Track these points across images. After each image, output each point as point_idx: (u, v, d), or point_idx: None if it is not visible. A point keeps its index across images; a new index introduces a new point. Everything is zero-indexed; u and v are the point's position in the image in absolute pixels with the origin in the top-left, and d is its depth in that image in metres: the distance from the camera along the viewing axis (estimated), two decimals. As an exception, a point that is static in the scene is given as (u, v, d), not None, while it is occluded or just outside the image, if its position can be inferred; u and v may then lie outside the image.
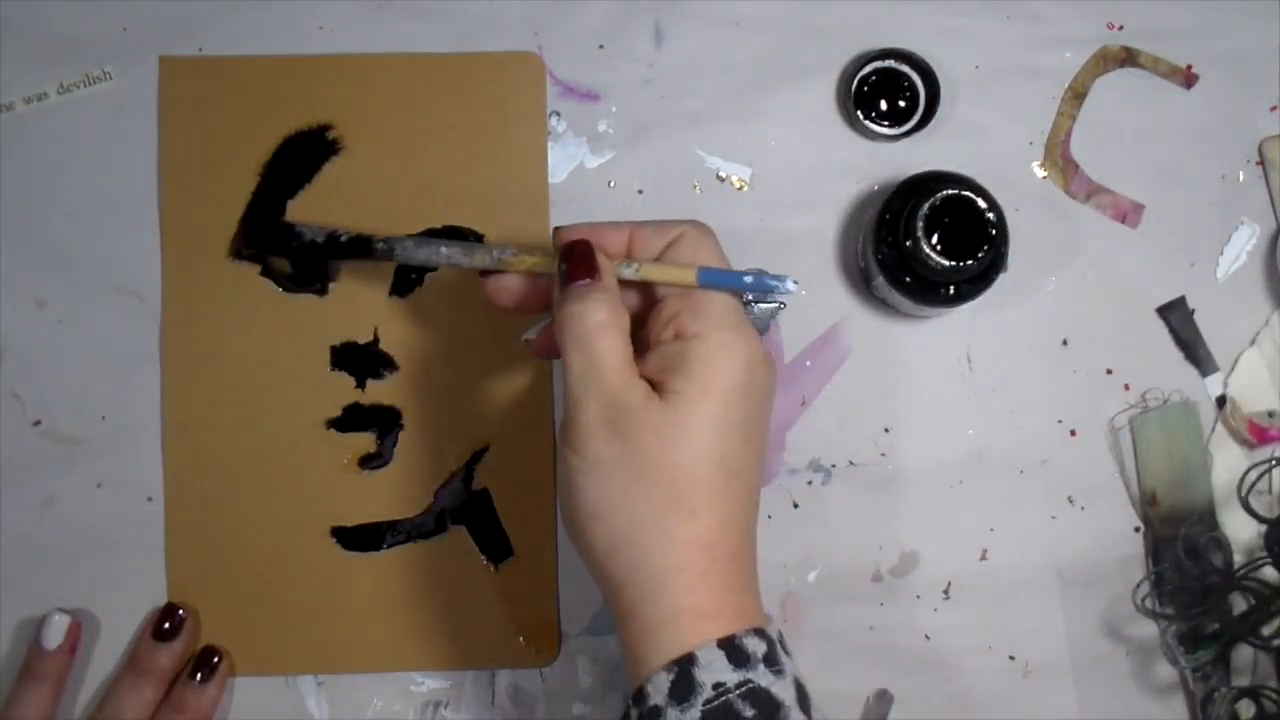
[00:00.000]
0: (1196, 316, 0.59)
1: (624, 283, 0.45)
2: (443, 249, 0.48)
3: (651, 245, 0.45)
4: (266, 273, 0.58)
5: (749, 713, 0.40)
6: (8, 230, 0.58)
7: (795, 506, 0.59)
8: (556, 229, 0.46)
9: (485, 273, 0.47)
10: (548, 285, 0.46)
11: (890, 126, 0.59)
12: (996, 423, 0.59)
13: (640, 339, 0.45)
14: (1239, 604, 0.56)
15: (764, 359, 0.44)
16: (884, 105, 0.59)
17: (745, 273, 0.45)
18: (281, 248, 0.55)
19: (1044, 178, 0.60)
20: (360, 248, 0.50)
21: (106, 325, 0.58)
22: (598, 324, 0.42)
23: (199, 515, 0.58)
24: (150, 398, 0.58)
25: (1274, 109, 0.60)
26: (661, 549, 0.41)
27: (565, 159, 0.59)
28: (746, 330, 0.44)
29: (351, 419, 0.58)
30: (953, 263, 0.53)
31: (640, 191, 0.59)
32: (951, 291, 0.55)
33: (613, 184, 0.59)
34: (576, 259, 0.44)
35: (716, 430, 0.42)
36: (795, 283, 0.45)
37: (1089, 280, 0.59)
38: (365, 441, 0.58)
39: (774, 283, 0.45)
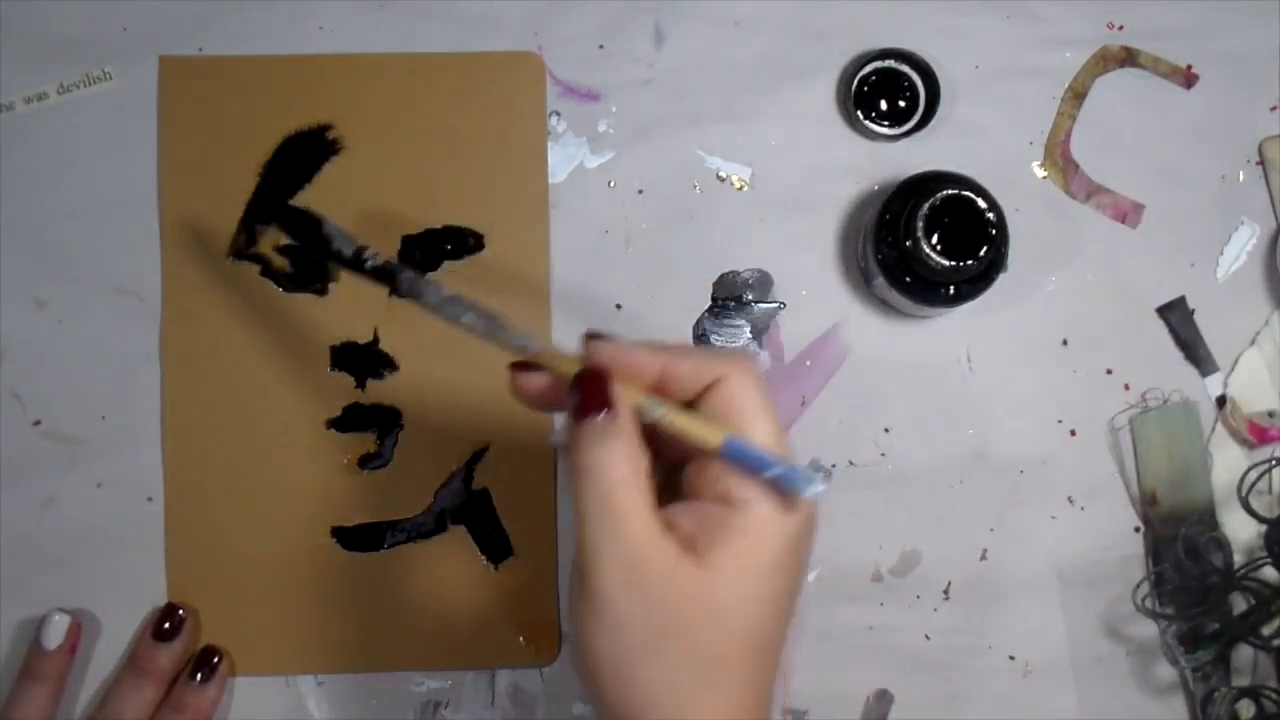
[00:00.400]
0: (1196, 316, 0.59)
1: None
2: (467, 315, 0.43)
3: (687, 385, 0.40)
4: (266, 273, 0.58)
5: None
6: (8, 230, 0.58)
7: (795, 506, 0.59)
8: (588, 338, 0.41)
9: (516, 365, 0.42)
10: None
11: (890, 126, 0.59)
12: (996, 423, 0.59)
13: (676, 480, 0.41)
14: (1239, 604, 0.56)
15: (810, 528, 0.40)
16: (884, 105, 0.59)
17: (775, 461, 0.39)
18: (299, 234, 0.51)
19: (1044, 178, 0.60)
20: (384, 276, 0.45)
21: (106, 325, 0.58)
22: (618, 481, 0.38)
23: (199, 515, 0.58)
24: (150, 398, 0.58)
25: (1274, 109, 0.60)
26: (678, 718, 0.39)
27: (565, 159, 0.59)
28: (797, 499, 0.40)
29: (351, 419, 0.58)
30: (953, 263, 0.53)
31: (640, 191, 0.59)
32: (951, 291, 0.55)
33: (613, 184, 0.59)
34: (590, 391, 0.39)
35: (751, 608, 0.39)
36: (825, 484, 0.39)
37: (1089, 280, 0.59)
38: (365, 441, 0.58)
39: (801, 482, 0.39)
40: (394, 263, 0.45)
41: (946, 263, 0.53)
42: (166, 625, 0.55)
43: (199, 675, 0.55)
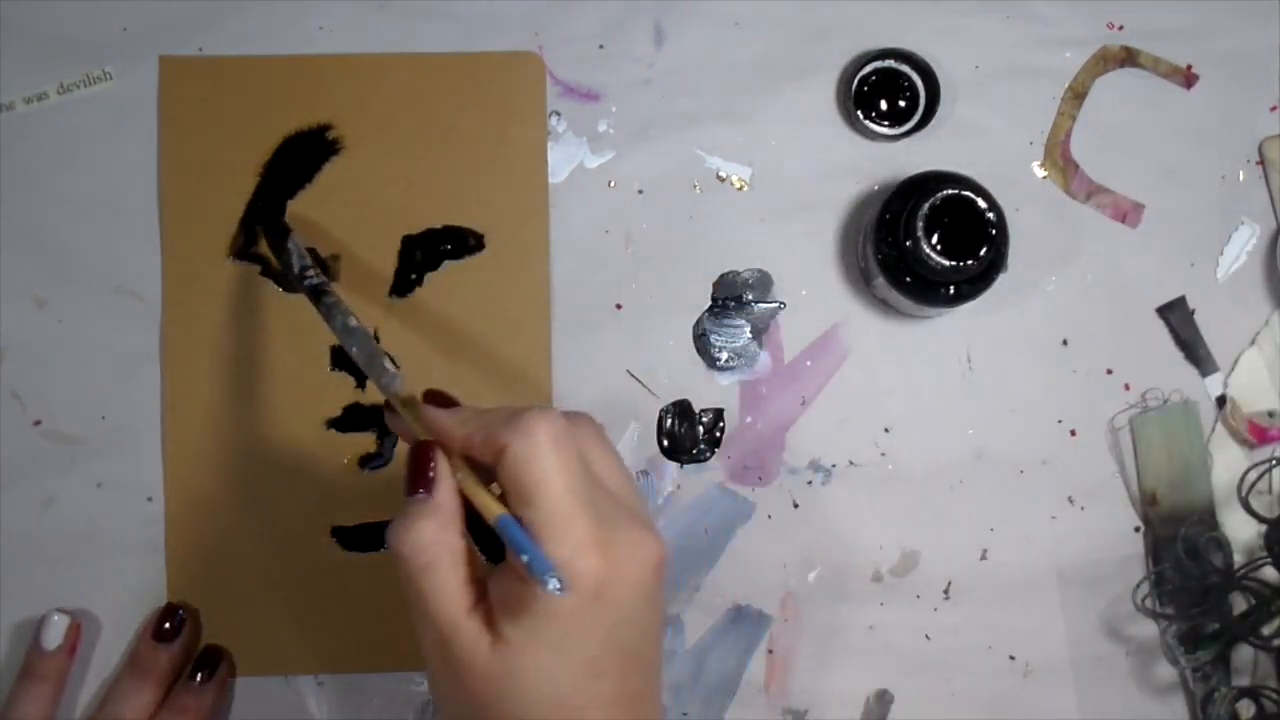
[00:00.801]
0: (1196, 316, 0.59)
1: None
2: (354, 347, 0.48)
3: (482, 453, 0.40)
4: (266, 273, 0.58)
5: None
6: (8, 230, 0.58)
7: (795, 506, 0.59)
8: (426, 395, 0.43)
9: (387, 405, 0.45)
10: None
11: (890, 126, 0.59)
12: (996, 423, 0.59)
13: None
14: (1239, 604, 0.56)
15: (624, 578, 0.39)
16: (884, 105, 0.59)
17: (527, 547, 0.37)
18: (271, 239, 0.56)
19: (1044, 178, 0.60)
20: (313, 295, 0.51)
21: (106, 325, 0.58)
22: (425, 564, 0.39)
23: (199, 515, 0.58)
24: (150, 398, 0.58)
25: (1274, 109, 0.60)
26: None
27: (565, 159, 0.59)
28: (593, 558, 0.38)
29: (351, 419, 0.58)
30: (953, 263, 0.53)
31: (640, 191, 0.59)
32: (951, 291, 0.55)
33: (613, 184, 0.59)
34: (413, 467, 0.41)
35: (547, 678, 0.38)
36: (559, 587, 0.36)
37: (1089, 280, 0.59)
38: (365, 441, 0.58)
39: (543, 575, 0.36)
40: (326, 286, 0.50)
41: (946, 263, 0.53)
42: (166, 625, 0.55)
43: (199, 676, 0.55)
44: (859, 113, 0.59)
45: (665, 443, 0.59)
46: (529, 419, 0.39)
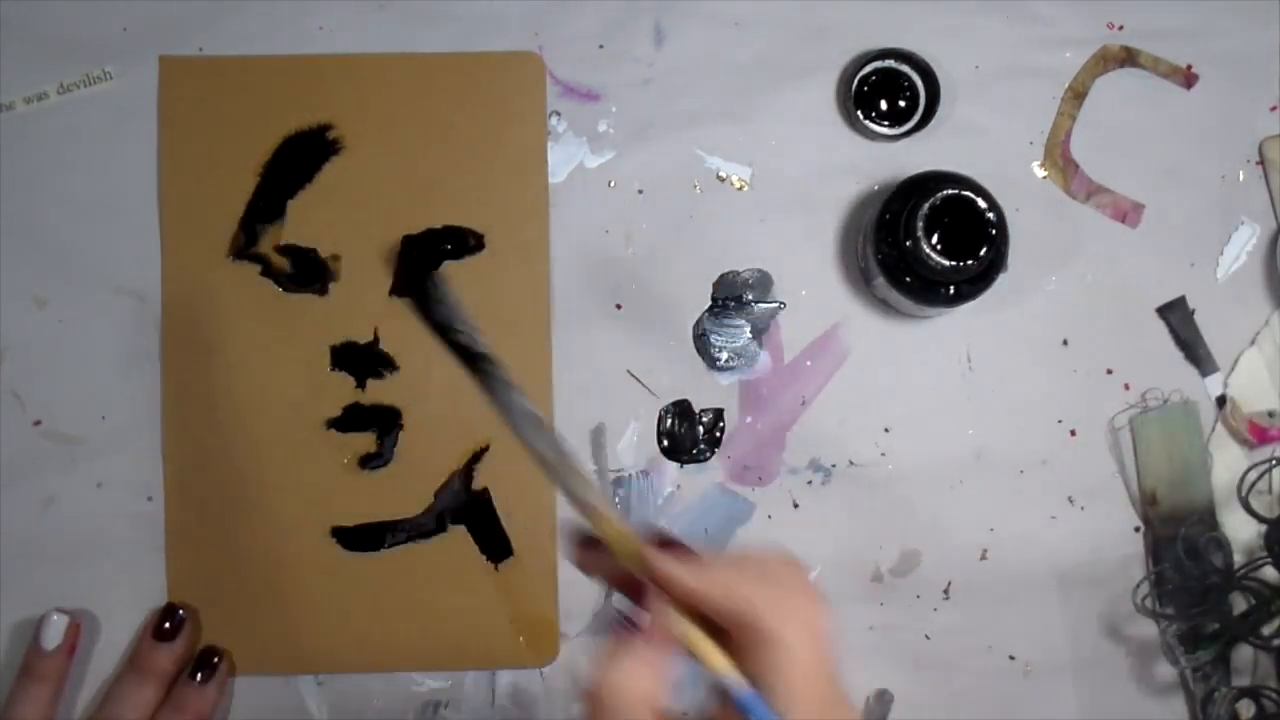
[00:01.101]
0: (1196, 316, 0.59)
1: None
2: (541, 446, 0.38)
3: (718, 613, 0.37)
4: (266, 273, 0.58)
5: None
6: (8, 230, 0.58)
7: (795, 506, 0.59)
8: (655, 540, 0.38)
9: (582, 543, 0.40)
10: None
11: (890, 126, 0.59)
12: (996, 423, 0.59)
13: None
14: (1239, 604, 0.56)
15: None
16: (884, 105, 0.59)
17: None
18: (416, 292, 0.42)
19: (1044, 178, 0.60)
20: (471, 362, 0.40)
21: (106, 325, 0.58)
22: (621, 717, 0.36)
23: (199, 515, 0.58)
24: (150, 398, 0.58)
25: (1274, 109, 0.60)
26: None
27: (565, 159, 0.59)
28: None
29: (351, 419, 0.58)
30: (953, 263, 0.53)
31: (640, 191, 0.59)
32: (951, 291, 0.55)
33: (613, 184, 0.59)
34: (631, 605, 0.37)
35: None
36: None
37: (1089, 280, 0.59)
38: (365, 441, 0.58)
39: None
40: (492, 356, 0.40)
41: (946, 263, 0.53)
42: (166, 625, 0.55)
43: (199, 675, 0.55)
44: (859, 113, 0.59)
45: (665, 443, 0.59)
46: (796, 603, 0.37)
